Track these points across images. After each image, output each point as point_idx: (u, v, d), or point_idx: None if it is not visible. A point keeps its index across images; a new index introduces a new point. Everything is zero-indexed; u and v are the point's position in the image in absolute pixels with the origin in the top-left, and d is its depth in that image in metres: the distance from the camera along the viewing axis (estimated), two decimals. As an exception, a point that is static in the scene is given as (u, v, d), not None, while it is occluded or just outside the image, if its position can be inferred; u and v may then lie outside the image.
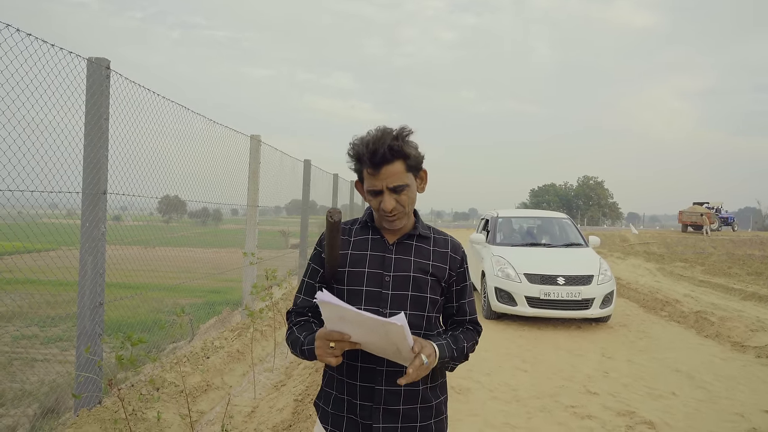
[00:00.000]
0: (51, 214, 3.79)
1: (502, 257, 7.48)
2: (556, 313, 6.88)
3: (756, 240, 24.47)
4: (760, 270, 12.98)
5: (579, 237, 8.47)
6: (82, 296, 3.26)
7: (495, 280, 7.23)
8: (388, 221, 1.49)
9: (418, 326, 1.50)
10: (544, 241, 8.47)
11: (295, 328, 1.54)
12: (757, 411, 4.14)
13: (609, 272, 7.23)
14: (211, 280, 7.60)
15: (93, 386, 3.26)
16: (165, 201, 5.81)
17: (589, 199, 64.21)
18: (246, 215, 6.55)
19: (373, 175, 1.44)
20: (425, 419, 1.52)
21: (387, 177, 1.43)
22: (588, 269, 7.13)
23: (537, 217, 9.30)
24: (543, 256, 7.64)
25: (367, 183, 1.47)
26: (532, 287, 6.93)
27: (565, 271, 7.03)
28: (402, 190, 1.45)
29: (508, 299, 7.07)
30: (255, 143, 6.47)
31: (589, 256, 7.69)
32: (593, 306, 6.86)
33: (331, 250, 1.51)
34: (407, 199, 1.47)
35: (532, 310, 6.90)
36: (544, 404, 4.21)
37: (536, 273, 7.04)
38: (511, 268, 7.19)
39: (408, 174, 1.47)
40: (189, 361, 4.50)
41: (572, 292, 6.83)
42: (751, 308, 8.26)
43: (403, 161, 1.45)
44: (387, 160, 1.42)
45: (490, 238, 8.46)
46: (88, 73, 3.30)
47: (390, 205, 1.44)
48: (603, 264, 7.35)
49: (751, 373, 5.19)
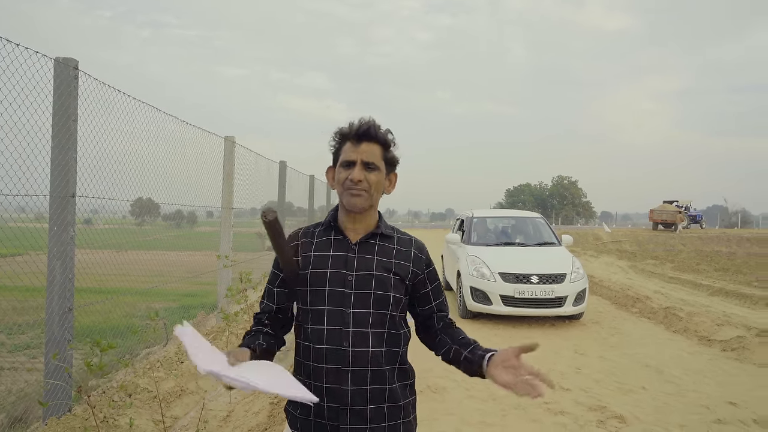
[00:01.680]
0: (18, 218, 3.69)
1: (477, 257, 7.55)
2: (531, 311, 6.98)
3: (723, 237, 25.23)
4: (726, 266, 13.39)
5: (552, 236, 8.60)
6: (51, 302, 3.19)
7: (470, 280, 7.30)
8: (352, 194, 1.50)
9: (381, 324, 1.51)
10: (519, 241, 8.59)
11: (245, 338, 1.56)
12: (722, 403, 4.28)
13: (581, 270, 7.38)
14: (186, 283, 7.49)
15: (62, 394, 3.19)
16: (138, 203, 5.71)
17: (563, 198, 65.22)
18: (221, 217, 6.49)
19: (352, 148, 1.52)
20: (393, 419, 1.52)
21: (364, 152, 1.51)
22: (561, 267, 7.26)
23: (511, 217, 9.44)
24: (517, 256, 7.76)
25: (344, 156, 1.53)
26: (506, 286, 7.01)
27: (539, 270, 7.14)
28: (373, 170, 1.52)
29: (484, 298, 7.15)
30: (229, 144, 6.41)
31: (562, 254, 7.83)
32: (566, 304, 6.98)
33: (280, 253, 1.49)
34: (375, 181, 1.52)
35: (507, 308, 6.99)
36: (518, 402, 4.27)
37: (511, 272, 7.13)
38: (486, 268, 7.26)
39: (382, 162, 1.54)
40: (162, 366, 4.44)
41: (546, 291, 6.94)
42: (718, 303, 8.53)
43: (383, 148, 1.54)
44: (370, 136, 1.52)
45: (466, 238, 8.55)
46: (55, 73, 3.24)
47: (359, 176, 1.48)
48: (575, 262, 7.49)
49: (716, 366, 5.36)
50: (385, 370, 1.51)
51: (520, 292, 6.95)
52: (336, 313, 1.49)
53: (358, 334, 1.48)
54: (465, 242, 8.42)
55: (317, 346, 1.49)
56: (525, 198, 65.33)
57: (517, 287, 6.97)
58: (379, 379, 1.50)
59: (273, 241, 1.48)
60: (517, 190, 68.27)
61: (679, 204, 33.75)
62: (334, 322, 1.48)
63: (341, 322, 1.48)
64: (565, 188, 65.80)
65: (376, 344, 1.50)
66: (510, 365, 1.38)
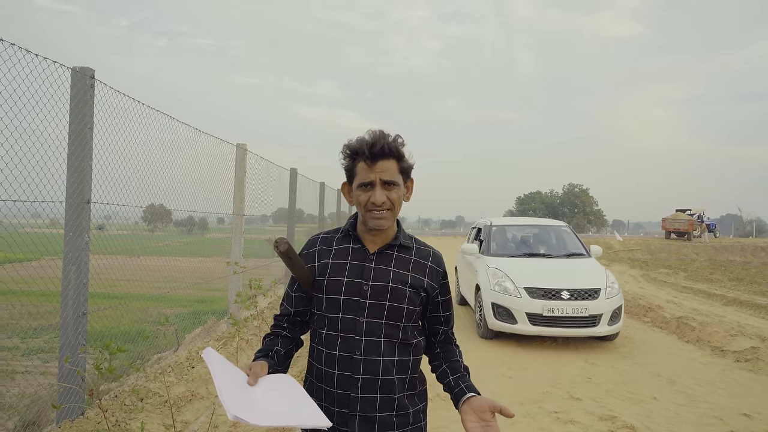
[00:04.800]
0: (34, 224, 3.76)
1: (499, 269, 6.84)
2: (561, 331, 6.24)
3: (737, 246, 24.91)
4: (740, 276, 13.22)
5: (580, 246, 7.84)
6: (65, 306, 3.24)
7: (492, 295, 6.58)
8: (375, 217, 1.49)
9: (394, 336, 1.53)
10: (543, 252, 7.82)
11: (264, 341, 1.61)
12: (735, 414, 4.22)
13: (617, 285, 6.66)
14: (197, 289, 7.55)
15: (75, 397, 3.23)
16: (150, 210, 5.79)
17: (574, 206, 64.85)
18: (232, 224, 6.54)
19: (368, 168, 1.48)
20: (402, 426, 1.54)
21: (382, 170, 1.48)
22: (594, 282, 6.53)
23: (534, 226, 8.68)
24: (544, 268, 7.03)
25: (360, 177, 1.50)
26: (533, 302, 6.29)
27: (570, 284, 6.41)
28: (393, 187, 1.50)
29: (507, 316, 6.42)
30: (241, 152, 6.48)
31: (594, 267, 7.10)
32: (601, 323, 6.24)
33: (296, 272, 1.55)
34: (396, 198, 1.51)
35: (535, 328, 6.24)
36: (527, 410, 4.25)
37: (538, 287, 6.41)
38: (510, 282, 6.55)
39: (399, 175, 1.52)
40: (173, 370, 4.48)
41: (578, 308, 6.20)
42: (732, 314, 8.42)
43: (397, 161, 1.51)
44: (385, 154, 1.48)
45: (485, 248, 7.80)
46: (72, 82, 3.30)
47: (381, 198, 1.47)
48: (610, 276, 6.80)
49: (729, 377, 5.29)
50: (395, 380, 1.52)
51: (549, 309, 6.21)
52: (350, 322, 1.51)
53: (371, 344, 1.50)
54: (484, 253, 7.69)
55: (330, 352, 1.52)
56: (536, 206, 65.02)
57: (546, 304, 6.23)
58: (388, 388, 1.51)
59: (290, 267, 1.54)
60: (527, 197, 68.01)
61: (692, 212, 33.40)
62: (348, 330, 1.51)
63: (354, 330, 1.50)
64: (576, 196, 65.42)
65: (388, 354, 1.51)
66: (482, 417, 1.42)
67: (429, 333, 1.69)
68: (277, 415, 1.30)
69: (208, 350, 1.35)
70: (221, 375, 1.31)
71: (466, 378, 1.57)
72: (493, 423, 1.41)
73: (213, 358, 1.33)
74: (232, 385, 1.31)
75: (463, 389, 1.52)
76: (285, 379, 1.46)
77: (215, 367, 1.32)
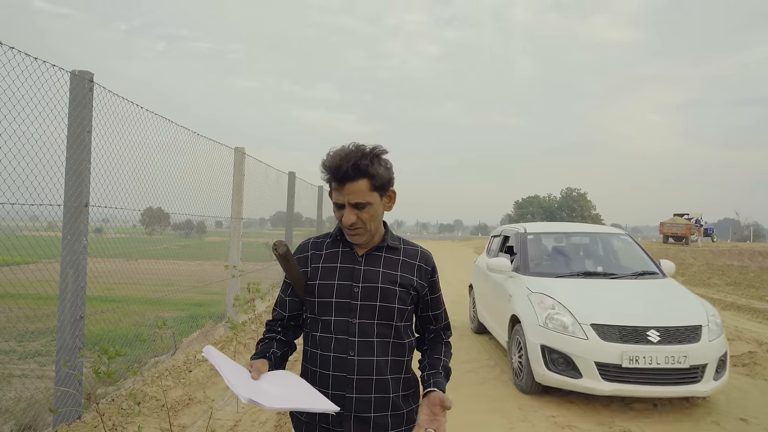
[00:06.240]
0: (32, 227, 3.76)
1: (549, 296, 4.74)
2: (650, 390, 4.14)
3: (735, 251, 24.97)
4: (738, 280, 13.24)
5: (649, 262, 5.69)
6: (63, 310, 3.24)
7: (541, 334, 4.50)
8: (350, 234, 1.54)
9: (387, 336, 1.56)
10: (602, 270, 5.57)
11: (259, 345, 1.64)
12: (732, 419, 4.23)
13: (719, 320, 4.58)
14: (195, 293, 7.54)
15: (72, 401, 3.23)
16: (148, 213, 5.79)
17: (572, 210, 64.88)
18: (230, 227, 6.55)
19: (337, 190, 1.49)
20: (396, 426, 1.57)
21: (350, 193, 1.47)
22: (692, 316, 4.46)
23: (583, 233, 6.35)
24: (613, 295, 4.90)
25: (333, 196, 1.53)
26: (607, 347, 4.20)
27: (658, 321, 4.32)
28: (363, 207, 1.48)
29: (566, 366, 4.33)
30: (239, 155, 6.49)
31: (682, 293, 4.98)
32: (705, 377, 4.22)
33: (290, 275, 1.58)
34: (368, 217, 1.50)
35: (610, 385, 4.15)
36: (525, 415, 4.25)
37: (612, 323, 4.30)
38: (568, 315, 4.47)
39: (372, 193, 1.49)
40: (171, 374, 4.47)
41: (674, 355, 4.14)
42: (730, 318, 8.43)
43: (368, 180, 1.47)
44: (350, 177, 1.45)
45: (520, 264, 5.58)
46: (71, 85, 3.32)
47: (349, 220, 1.49)
48: (708, 307, 4.71)
49: (727, 381, 5.29)
50: (389, 380, 1.56)
51: (631, 358, 4.12)
52: (342, 323, 1.54)
53: (364, 344, 1.53)
54: (520, 271, 5.48)
55: (324, 354, 1.54)
56: (534, 210, 65.08)
57: (626, 350, 4.14)
58: (382, 388, 1.54)
59: (286, 270, 1.58)
60: (525, 201, 68.06)
61: (689, 217, 33.47)
62: (341, 332, 1.53)
63: (347, 331, 1.53)
64: (574, 200, 65.50)
65: (381, 354, 1.54)
66: (433, 411, 1.51)
67: (420, 331, 1.75)
68: (288, 398, 1.35)
69: (209, 348, 1.37)
70: (226, 367, 1.34)
71: (438, 375, 1.62)
72: (441, 417, 1.50)
73: (214, 355, 1.36)
74: (238, 376, 1.34)
75: (429, 384, 1.58)
76: (287, 373, 1.51)
77: (218, 362, 1.34)
